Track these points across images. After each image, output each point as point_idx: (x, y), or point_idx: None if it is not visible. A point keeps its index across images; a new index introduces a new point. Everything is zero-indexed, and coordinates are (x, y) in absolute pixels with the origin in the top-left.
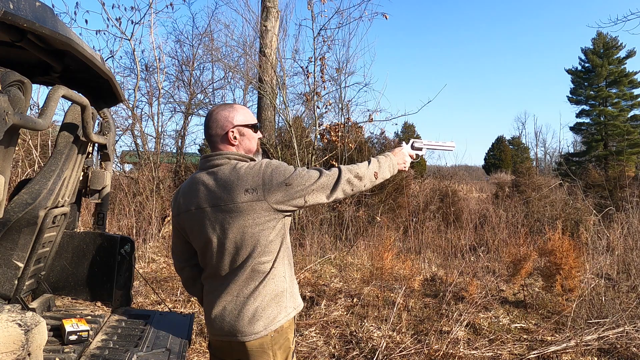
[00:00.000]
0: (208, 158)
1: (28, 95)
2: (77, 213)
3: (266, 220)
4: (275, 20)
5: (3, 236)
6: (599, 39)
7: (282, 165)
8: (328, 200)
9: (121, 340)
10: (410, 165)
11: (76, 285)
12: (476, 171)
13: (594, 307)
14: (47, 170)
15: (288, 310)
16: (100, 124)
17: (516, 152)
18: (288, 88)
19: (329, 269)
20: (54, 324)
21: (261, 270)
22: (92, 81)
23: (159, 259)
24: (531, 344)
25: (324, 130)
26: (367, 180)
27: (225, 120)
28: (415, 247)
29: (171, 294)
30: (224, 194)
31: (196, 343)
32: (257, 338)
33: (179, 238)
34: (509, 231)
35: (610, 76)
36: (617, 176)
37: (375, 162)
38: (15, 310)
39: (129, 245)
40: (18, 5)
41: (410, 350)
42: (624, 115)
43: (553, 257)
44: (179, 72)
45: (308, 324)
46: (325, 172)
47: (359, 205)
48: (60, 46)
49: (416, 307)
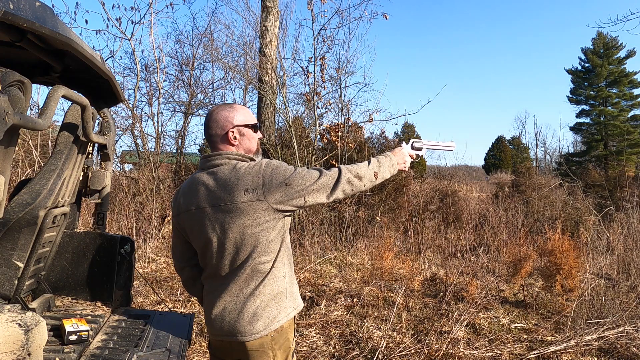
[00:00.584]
0: (208, 158)
1: (28, 95)
2: (77, 213)
3: (266, 220)
4: (275, 20)
5: (3, 236)
6: (599, 39)
7: (282, 165)
8: (328, 200)
9: (121, 340)
10: (410, 165)
11: (76, 285)
12: (476, 171)
13: (594, 307)
14: (47, 170)
15: (288, 310)
16: (100, 124)
17: (516, 152)
18: (288, 88)
19: (329, 269)
20: (54, 324)
21: (261, 270)
22: (92, 81)
23: (159, 259)
24: (531, 344)
25: (324, 130)
26: (367, 180)
27: (225, 120)
28: (415, 247)
29: (171, 294)
30: (224, 194)
31: (196, 343)
32: (257, 338)
33: (179, 238)
34: (509, 231)
35: (610, 76)
36: (617, 176)
37: (375, 162)
38: (15, 310)
39: (129, 245)
40: (18, 5)
41: (410, 350)
42: (624, 115)
43: (553, 257)
44: (179, 72)
45: (308, 324)
46: (325, 172)
47: (359, 205)
48: (60, 46)
49: (416, 307)
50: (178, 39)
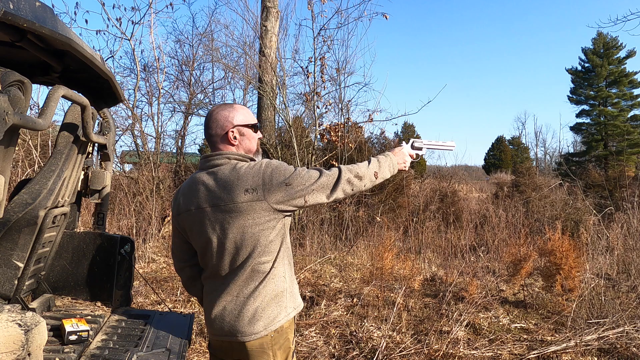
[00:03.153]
0: (208, 158)
1: (28, 95)
2: (77, 213)
3: (266, 220)
4: (275, 20)
5: (3, 236)
6: (599, 39)
7: (282, 165)
8: (328, 200)
9: (121, 340)
10: (410, 165)
11: (76, 285)
12: (476, 171)
13: (594, 307)
14: (47, 170)
15: (288, 310)
16: (100, 124)
17: (516, 152)
18: (288, 88)
19: (329, 269)
20: (54, 324)
21: (261, 270)
22: (92, 81)
23: (159, 259)
24: (531, 344)
25: (324, 130)
26: (367, 180)
27: (225, 120)
28: (415, 247)
29: (171, 294)
30: (224, 194)
31: (196, 343)
32: (257, 338)
33: (179, 238)
34: (509, 231)
35: (610, 76)
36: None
37: (375, 162)
38: (15, 310)
39: (129, 245)
40: (18, 5)
41: (410, 350)
42: (624, 115)
43: (553, 257)
44: (179, 72)
45: (308, 324)
46: (326, 172)
47: (359, 205)
48: (60, 46)
49: (416, 307)
50: (178, 39)
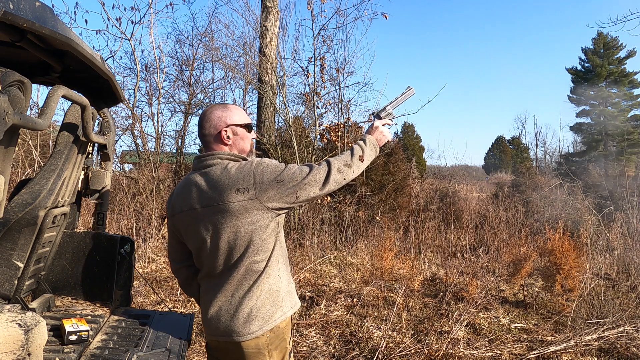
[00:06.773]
0: (201, 159)
1: (28, 95)
2: (77, 213)
3: (259, 219)
4: (275, 20)
5: (3, 236)
6: (599, 39)
7: (272, 163)
8: (321, 193)
9: (121, 340)
10: (391, 136)
11: (76, 285)
12: (476, 171)
13: (594, 307)
14: (47, 170)
15: (284, 309)
16: (100, 124)
17: (516, 152)
18: (288, 88)
19: (329, 269)
20: (54, 324)
21: (255, 270)
22: (92, 81)
23: (159, 259)
24: (531, 344)
25: (324, 130)
26: (355, 165)
27: (219, 120)
28: (415, 247)
29: (171, 294)
30: (216, 195)
31: (196, 343)
32: (252, 338)
33: (174, 239)
34: (509, 231)
35: (610, 76)
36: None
37: (357, 147)
38: (15, 310)
39: (129, 245)
40: (18, 5)
41: (410, 350)
42: (624, 115)
43: (553, 257)
44: (179, 72)
45: (308, 324)
46: (316, 166)
47: (359, 205)
48: (60, 46)
49: (416, 307)
50: (178, 39)
